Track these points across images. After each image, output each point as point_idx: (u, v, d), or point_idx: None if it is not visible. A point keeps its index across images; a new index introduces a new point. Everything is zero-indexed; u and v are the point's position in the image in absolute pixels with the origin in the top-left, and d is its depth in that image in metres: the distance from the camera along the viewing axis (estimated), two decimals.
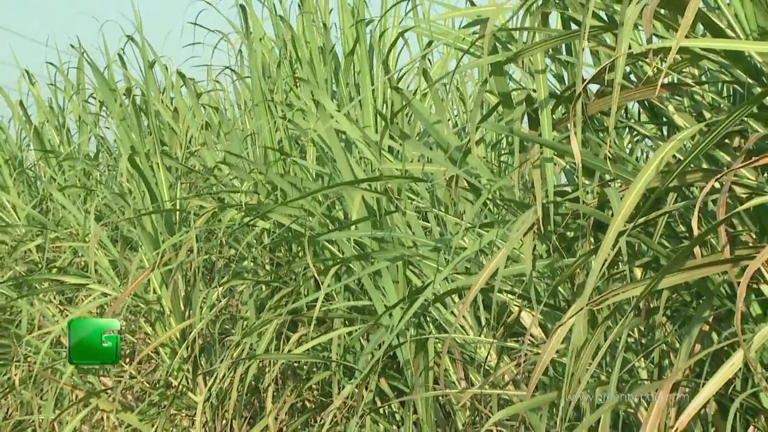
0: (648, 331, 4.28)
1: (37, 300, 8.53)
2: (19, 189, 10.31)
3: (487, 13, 4.44)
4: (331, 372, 6.10)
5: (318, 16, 7.14)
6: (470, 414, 5.60)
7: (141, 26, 8.52)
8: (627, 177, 3.91)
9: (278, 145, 6.95)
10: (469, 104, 6.35)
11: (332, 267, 6.06)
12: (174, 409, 6.91)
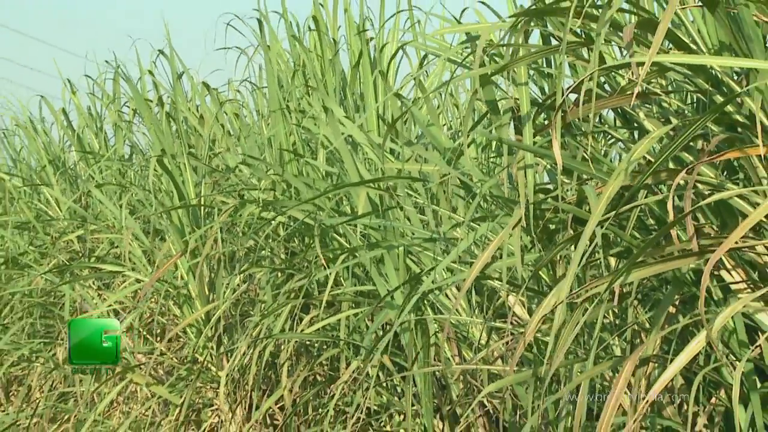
0: (621, 313, 4.29)
1: (78, 285, 8.54)
2: (62, 186, 10.32)
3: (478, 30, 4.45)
4: (339, 349, 6.10)
5: (328, 33, 7.15)
6: (463, 387, 5.61)
7: (171, 41, 8.53)
8: (602, 177, 3.92)
9: (292, 148, 6.96)
10: (462, 111, 6.35)
11: (340, 256, 6.07)
12: (200, 382, 6.92)
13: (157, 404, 7.29)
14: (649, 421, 4.03)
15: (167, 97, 8.52)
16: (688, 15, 3.89)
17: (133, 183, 8.66)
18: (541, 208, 4.34)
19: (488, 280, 4.69)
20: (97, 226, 8.86)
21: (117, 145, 9.74)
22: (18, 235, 10.61)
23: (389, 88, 6.71)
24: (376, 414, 6.00)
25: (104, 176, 9.26)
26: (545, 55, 4.58)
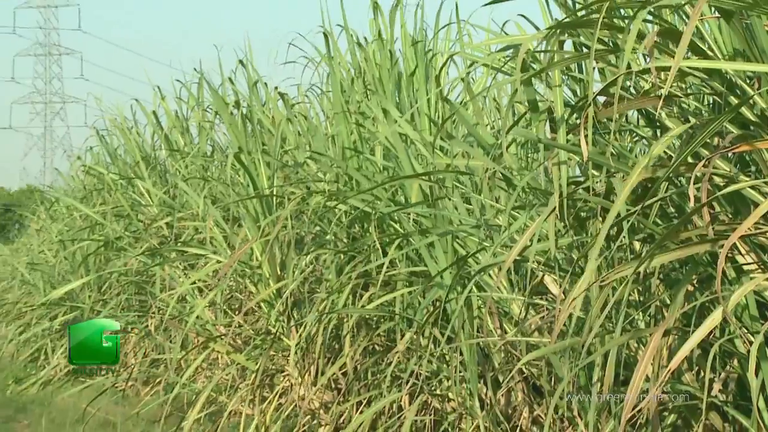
0: (645, 291, 4.25)
1: (167, 266, 8.61)
2: (153, 180, 10.42)
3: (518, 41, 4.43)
4: (395, 322, 6.10)
5: (386, 44, 7.14)
6: (504, 356, 5.59)
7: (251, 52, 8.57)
8: (628, 170, 3.89)
9: (353, 145, 6.96)
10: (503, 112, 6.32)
11: (395, 240, 6.07)
12: (273, 351, 6.95)
13: (236, 370, 7.33)
14: (670, 387, 4.00)
15: (244, 101, 8.56)
16: (705, 25, 3.85)
17: (214, 177, 8.71)
18: (573, 198, 4.33)
19: (526, 261, 4.66)
20: (183, 214, 8.93)
21: (200, 143, 9.80)
22: (115, 222, 10.72)
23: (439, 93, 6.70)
24: (428, 380, 5.99)
25: (189, 171, 9.33)
26: (577, 61, 4.55)
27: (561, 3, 4.55)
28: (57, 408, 9.54)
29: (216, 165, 9.36)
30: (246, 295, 7.64)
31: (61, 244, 12.82)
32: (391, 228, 6.35)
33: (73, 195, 13.75)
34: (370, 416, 5.92)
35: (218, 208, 7.86)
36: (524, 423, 5.49)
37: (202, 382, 7.79)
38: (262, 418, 6.71)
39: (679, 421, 4.13)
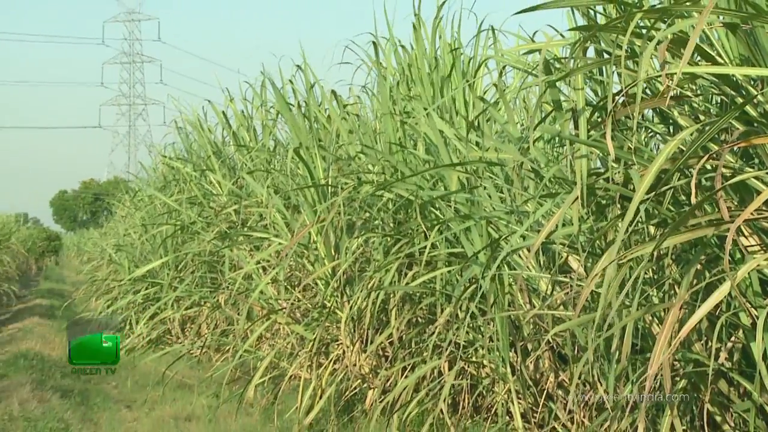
0: (659, 270, 4.22)
1: (235, 248, 8.66)
2: (222, 172, 10.47)
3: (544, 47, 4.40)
4: (435, 298, 6.10)
5: (426, 50, 7.13)
6: (532, 327, 5.58)
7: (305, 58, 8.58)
8: (643, 163, 3.87)
9: (398, 140, 6.96)
10: (531, 111, 6.29)
11: (436, 225, 6.06)
12: (327, 322, 6.97)
13: (295, 339, 7.37)
14: (681, 355, 3.98)
15: (303, 101, 8.58)
16: (714, 33, 3.82)
17: (276, 169, 8.73)
18: (594, 187, 4.30)
19: (552, 243, 4.64)
20: (248, 202, 8.97)
21: (264, 139, 9.84)
22: (190, 209, 10.80)
23: (474, 94, 6.68)
24: (465, 348, 5.98)
25: (254, 164, 9.37)
26: (598, 66, 4.52)
27: (584, 13, 4.51)
28: (140, 371, 9.63)
29: (278, 158, 9.39)
30: (304, 273, 7.67)
31: (143, 228, 12.95)
32: (432, 214, 6.35)
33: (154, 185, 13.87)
34: (413, 380, 5.92)
35: (280, 196, 7.89)
36: (550, 387, 5.47)
37: (265, 349, 7.83)
38: (319, 382, 6.73)
39: (689, 386, 4.10)
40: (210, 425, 6.88)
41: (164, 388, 8.34)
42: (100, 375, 9.62)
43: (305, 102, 8.49)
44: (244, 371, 8.05)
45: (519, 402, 5.52)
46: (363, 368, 6.68)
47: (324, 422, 6.52)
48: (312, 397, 6.67)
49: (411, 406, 5.93)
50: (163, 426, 7.01)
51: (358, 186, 6.92)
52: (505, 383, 5.60)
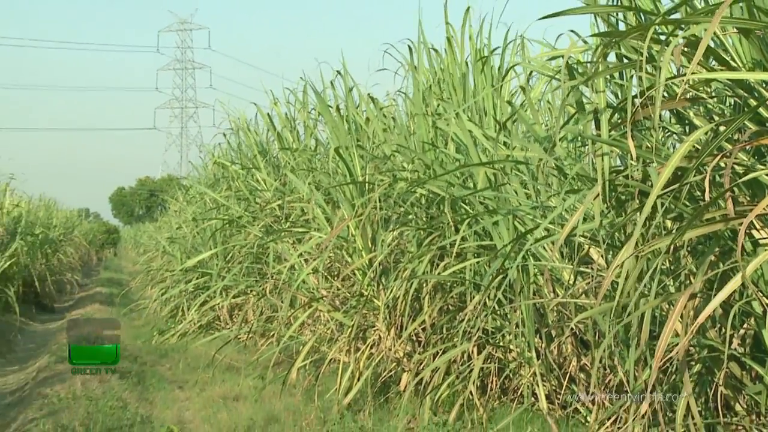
0: (675, 261, 4.19)
1: (279, 240, 8.69)
2: (267, 170, 10.51)
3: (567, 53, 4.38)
4: (465, 287, 6.09)
5: (457, 56, 7.12)
6: (556, 314, 5.56)
7: (345, 64, 8.60)
8: (661, 161, 3.85)
9: (431, 140, 6.95)
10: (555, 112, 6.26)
11: (466, 219, 6.05)
12: (365, 310, 6.98)
13: (335, 325, 7.39)
14: (696, 341, 3.95)
15: (342, 104, 8.59)
16: (728, 39, 3.78)
17: (317, 167, 8.76)
18: (615, 184, 4.28)
19: (575, 236, 4.62)
20: (291, 198, 9.00)
21: (306, 139, 9.87)
22: (237, 204, 10.85)
23: (503, 96, 6.66)
24: (492, 334, 5.98)
25: (297, 162, 9.39)
26: (618, 70, 4.49)
27: (604, 19, 4.48)
28: (191, 354, 9.70)
29: (318, 157, 9.41)
30: (343, 263, 7.69)
31: (194, 222, 13.02)
32: (462, 209, 6.34)
33: (204, 182, 13.95)
34: (444, 364, 5.93)
35: (321, 193, 7.91)
36: (573, 370, 5.45)
37: (307, 335, 7.85)
38: (357, 365, 6.75)
39: (703, 370, 4.08)
40: (256, 404, 6.91)
41: (213, 370, 8.40)
42: (155, 358, 9.71)
43: (344, 104, 8.51)
44: (288, 355, 8.09)
45: (544, 384, 5.50)
46: (398, 352, 6.69)
47: (361, 402, 6.54)
48: (350, 379, 6.69)
49: (442, 387, 5.94)
50: (212, 405, 7.06)
51: (394, 183, 6.93)
52: (530, 367, 5.59)
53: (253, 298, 9.89)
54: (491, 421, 5.70)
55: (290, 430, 6.11)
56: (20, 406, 7.29)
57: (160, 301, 13.20)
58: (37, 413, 6.41)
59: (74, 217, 31.03)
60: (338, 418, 6.22)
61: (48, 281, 17.41)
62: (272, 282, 8.80)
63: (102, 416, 6.03)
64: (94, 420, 5.90)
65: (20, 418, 6.63)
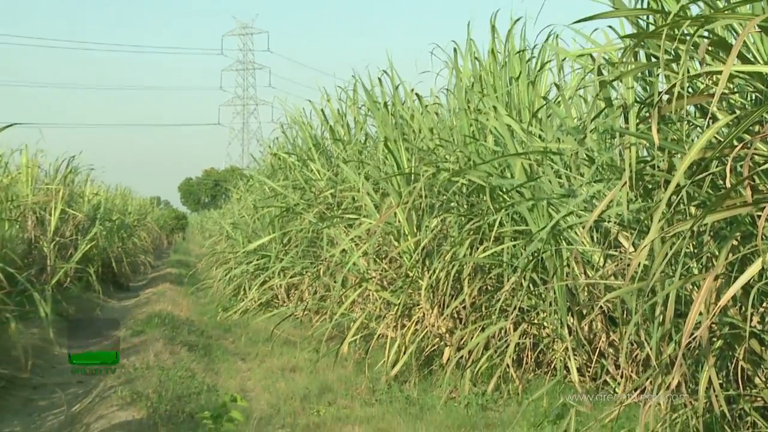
0: (698, 245, 4.15)
1: (332, 226, 8.73)
2: (321, 161, 10.53)
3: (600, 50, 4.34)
4: (503, 268, 6.08)
5: (498, 56, 7.08)
6: (587, 294, 5.52)
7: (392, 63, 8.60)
8: (685, 152, 3.81)
9: (471, 134, 6.93)
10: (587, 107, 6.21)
11: (504, 206, 6.03)
12: (410, 289, 6.99)
13: (383, 303, 7.41)
14: (718, 319, 3.90)
15: (389, 100, 8.59)
16: (749, 37, 3.72)
17: (367, 159, 8.77)
18: (642, 173, 4.24)
19: (604, 221, 4.59)
20: (343, 187, 9.02)
21: (356, 133, 9.88)
22: (293, 192, 10.91)
23: (538, 92, 6.61)
24: (527, 312, 5.96)
25: (348, 154, 9.41)
26: (646, 68, 4.44)
27: (633, 22, 4.43)
28: (252, 329, 9.78)
29: (368, 149, 9.42)
30: (390, 247, 7.70)
31: (254, 209, 13.11)
32: (500, 197, 6.32)
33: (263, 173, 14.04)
34: (483, 339, 5.92)
35: (370, 182, 7.92)
36: (602, 346, 5.42)
37: (357, 312, 7.89)
38: (403, 340, 6.77)
39: (725, 346, 4.03)
40: (311, 375, 6.96)
41: (272, 344, 8.47)
42: (220, 332, 9.81)
43: (391, 101, 8.50)
44: (339, 330, 8.13)
45: (575, 358, 5.48)
46: (440, 329, 6.69)
47: (407, 374, 6.56)
48: (397, 352, 6.71)
49: (481, 361, 5.94)
50: (271, 375, 7.12)
51: (437, 173, 6.92)
52: (563, 342, 5.57)
53: (308, 278, 9.95)
54: (526, 391, 5.69)
55: (342, 398, 6.14)
56: (101, 375, 7.41)
57: (224, 280, 13.32)
58: (115, 381, 6.51)
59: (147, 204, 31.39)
60: (386, 388, 6.24)
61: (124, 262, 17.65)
62: (326, 264, 8.85)
63: (172, 384, 6.11)
64: (165, 388, 5.98)
65: (101, 386, 6.75)
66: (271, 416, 5.69)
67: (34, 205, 11.33)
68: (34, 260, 10.83)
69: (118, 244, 17.91)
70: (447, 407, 5.62)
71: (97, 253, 14.47)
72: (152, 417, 5.29)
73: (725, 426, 3.82)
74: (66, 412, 6.44)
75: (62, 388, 7.29)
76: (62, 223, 12.29)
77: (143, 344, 8.21)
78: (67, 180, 12.91)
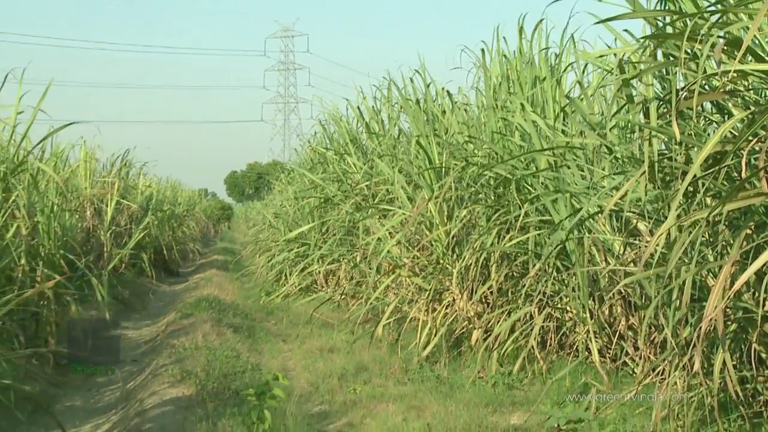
0: (713, 234, 4.12)
1: (367, 216, 8.75)
2: (357, 155, 10.56)
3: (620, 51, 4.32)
4: (528, 256, 6.07)
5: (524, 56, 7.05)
6: (607, 280, 5.50)
7: (423, 63, 8.60)
8: (701, 145, 3.79)
9: (499, 130, 6.91)
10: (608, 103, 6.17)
11: (529, 197, 6.02)
12: (441, 275, 7.01)
13: (415, 288, 7.42)
14: (732, 304, 3.88)
15: (421, 97, 8.59)
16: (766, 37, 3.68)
17: (400, 153, 8.77)
18: (661, 165, 4.22)
19: (623, 211, 4.56)
20: (378, 180, 9.04)
21: (390, 129, 9.88)
22: (331, 184, 10.94)
23: (562, 90, 6.58)
24: (551, 297, 5.95)
25: (382, 149, 9.42)
26: (664, 67, 4.41)
27: (651, 22, 4.40)
28: (293, 312, 9.85)
29: (401, 144, 9.43)
30: (422, 236, 7.71)
31: (295, 200, 13.18)
32: (525, 189, 6.30)
33: (303, 166, 14.09)
34: (509, 323, 5.92)
35: (403, 175, 7.93)
36: (622, 329, 5.40)
37: (391, 297, 7.91)
38: (434, 323, 6.78)
39: (738, 329, 4.00)
40: (348, 356, 7.00)
41: (312, 326, 8.53)
42: (263, 315, 9.89)
43: (423, 99, 8.50)
44: (374, 314, 8.16)
45: (596, 340, 5.46)
46: (469, 312, 6.70)
47: (437, 355, 6.58)
48: (428, 335, 6.73)
49: (507, 343, 5.94)
50: (311, 356, 7.17)
51: (466, 167, 6.91)
52: (584, 325, 5.55)
53: (345, 265, 9.99)
54: (550, 371, 5.69)
55: (377, 377, 6.18)
56: (153, 354, 7.52)
57: (267, 267, 13.42)
58: (166, 360, 6.60)
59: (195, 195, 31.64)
60: (418, 368, 6.27)
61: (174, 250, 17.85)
62: (361, 251, 8.88)
63: (219, 363, 6.17)
64: (212, 366, 6.04)
65: (153, 364, 6.84)
66: (310, 394, 5.74)
67: (92, 197, 11.49)
68: (92, 247, 10.99)
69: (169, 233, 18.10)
70: (475, 386, 5.64)
71: (149, 241, 14.65)
72: (200, 393, 5.36)
73: (739, 405, 3.80)
74: (122, 388, 6.55)
75: (118, 366, 7.41)
76: (117, 213, 12.45)
77: (192, 326, 8.30)
78: (121, 173, 13.07)
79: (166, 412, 5.06)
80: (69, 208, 9.71)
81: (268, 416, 4.58)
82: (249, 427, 4.55)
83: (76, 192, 11.15)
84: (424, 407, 5.18)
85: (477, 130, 7.50)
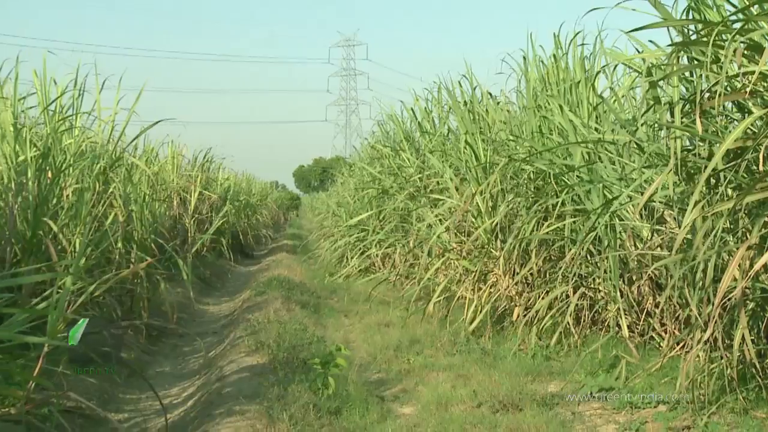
0: (734, 221, 4.07)
1: (420, 206, 8.78)
2: (410, 151, 10.58)
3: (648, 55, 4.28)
4: (564, 241, 6.05)
5: (560, 62, 7.00)
6: (636, 263, 5.46)
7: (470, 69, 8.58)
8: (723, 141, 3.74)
9: (538, 129, 6.88)
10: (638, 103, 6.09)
11: (565, 189, 5.99)
12: (486, 258, 7.01)
13: (462, 270, 7.44)
14: (752, 284, 3.83)
15: (468, 99, 8.57)
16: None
17: (450, 149, 8.77)
18: (685, 161, 4.17)
19: (653, 202, 4.53)
20: (429, 173, 9.05)
21: (440, 128, 9.88)
22: (388, 177, 10.99)
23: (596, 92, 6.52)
24: (585, 278, 5.92)
25: (433, 146, 9.44)
26: (690, 70, 4.35)
27: (679, 31, 4.35)
28: (353, 291, 9.93)
29: (450, 141, 9.42)
30: (469, 223, 7.72)
31: (355, 191, 13.26)
32: (562, 181, 6.27)
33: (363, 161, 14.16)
34: (547, 301, 5.91)
35: (452, 169, 7.94)
36: (649, 307, 5.36)
37: (440, 277, 7.93)
38: (479, 301, 6.80)
39: (757, 307, 3.95)
40: (402, 329, 7.06)
41: (370, 303, 8.61)
42: (327, 293, 9.99)
43: (470, 100, 8.49)
44: (426, 293, 8.20)
45: (626, 317, 5.43)
46: (511, 292, 6.70)
47: (482, 330, 6.59)
48: (474, 311, 6.75)
49: (546, 319, 5.93)
50: (369, 329, 7.25)
51: (509, 162, 6.90)
52: (615, 304, 5.52)
53: (400, 249, 10.04)
54: (584, 345, 5.67)
55: (428, 349, 6.23)
56: (231, 327, 7.68)
57: (330, 250, 13.53)
58: (243, 332, 6.73)
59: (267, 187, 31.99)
60: (465, 341, 6.30)
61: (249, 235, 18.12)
62: (414, 237, 8.92)
63: (289, 336, 6.27)
64: (282, 338, 6.15)
65: (231, 336, 6.99)
66: (369, 363, 5.82)
67: (179, 188, 11.75)
68: (178, 233, 11.24)
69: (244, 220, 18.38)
70: (516, 357, 5.65)
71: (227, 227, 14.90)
72: (272, 362, 5.47)
73: (756, 375, 3.76)
74: (204, 357, 6.71)
75: (201, 337, 7.59)
76: (200, 203, 12.70)
77: (265, 302, 8.44)
78: (204, 167, 13.32)
79: (243, 378, 5.18)
80: (158, 198, 9.95)
81: (332, 382, 4.67)
82: (315, 392, 4.65)
83: (165, 184, 11.41)
84: (470, 376, 5.21)
85: (518, 128, 7.47)
